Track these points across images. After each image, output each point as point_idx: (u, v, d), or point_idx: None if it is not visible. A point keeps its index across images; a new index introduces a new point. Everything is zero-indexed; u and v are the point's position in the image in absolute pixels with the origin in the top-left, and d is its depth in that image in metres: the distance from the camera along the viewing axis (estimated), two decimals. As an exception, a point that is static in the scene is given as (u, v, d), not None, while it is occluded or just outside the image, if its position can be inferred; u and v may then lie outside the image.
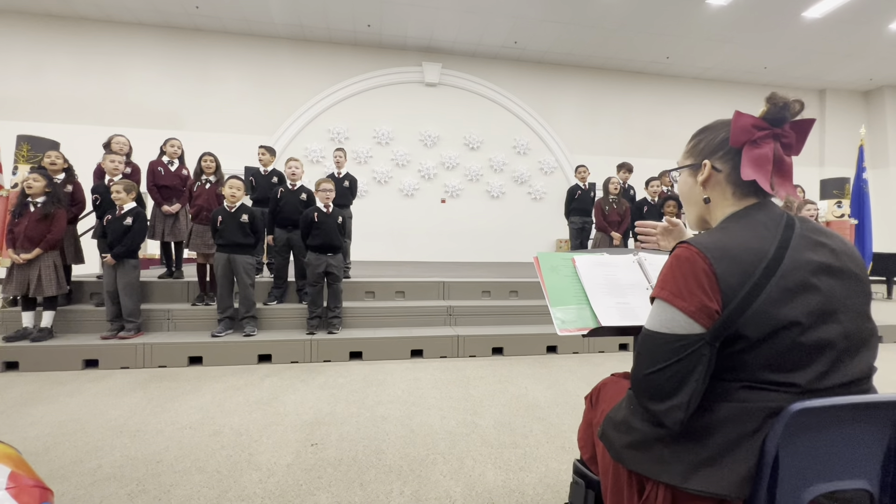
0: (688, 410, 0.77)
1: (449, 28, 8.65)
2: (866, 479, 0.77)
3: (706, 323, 0.76)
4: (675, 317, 0.79)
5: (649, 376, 0.81)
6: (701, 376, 0.77)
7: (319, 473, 1.97)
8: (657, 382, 0.80)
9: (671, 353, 0.79)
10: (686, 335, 0.78)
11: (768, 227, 0.83)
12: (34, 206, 3.58)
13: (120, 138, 4.46)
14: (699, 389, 0.77)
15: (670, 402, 0.78)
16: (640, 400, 0.85)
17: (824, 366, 0.76)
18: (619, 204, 5.35)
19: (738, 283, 0.76)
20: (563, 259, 1.36)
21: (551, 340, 4.17)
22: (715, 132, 0.95)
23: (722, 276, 0.77)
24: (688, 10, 7.87)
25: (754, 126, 0.87)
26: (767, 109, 0.87)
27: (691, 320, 0.77)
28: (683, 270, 0.80)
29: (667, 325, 0.80)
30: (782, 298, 0.75)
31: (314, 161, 9.11)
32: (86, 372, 3.45)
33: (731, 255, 0.78)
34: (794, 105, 0.86)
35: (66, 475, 1.93)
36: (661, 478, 0.81)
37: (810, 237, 0.82)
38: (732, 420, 0.76)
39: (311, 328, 3.97)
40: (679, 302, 0.79)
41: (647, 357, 0.83)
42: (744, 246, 0.79)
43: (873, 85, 11.05)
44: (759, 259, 0.77)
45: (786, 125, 0.87)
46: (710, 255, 0.78)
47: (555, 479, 1.95)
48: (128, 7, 8.01)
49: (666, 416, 0.79)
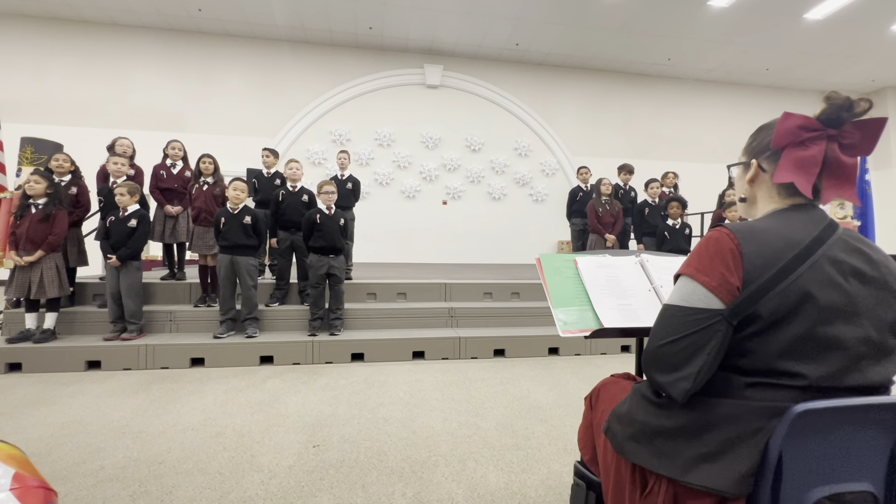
0: (695, 382, 0.78)
1: (450, 30, 8.67)
2: (871, 482, 0.77)
3: (726, 299, 0.77)
4: (695, 290, 0.80)
5: (662, 347, 0.82)
6: (713, 351, 0.77)
7: (321, 475, 1.97)
8: (669, 353, 0.81)
9: (687, 325, 0.79)
10: (704, 309, 0.78)
11: (806, 224, 0.82)
12: (35, 208, 3.60)
13: (123, 141, 4.48)
14: (709, 364, 0.77)
15: (678, 373, 0.79)
16: (649, 372, 0.84)
17: (836, 365, 0.75)
18: (611, 205, 5.32)
19: (763, 264, 0.76)
20: (566, 261, 1.36)
21: (553, 342, 4.17)
22: (769, 131, 0.92)
23: (748, 255, 0.77)
24: (689, 12, 7.87)
25: (801, 127, 0.84)
26: (824, 109, 0.84)
27: (711, 295, 0.78)
28: (710, 249, 0.81)
29: (686, 298, 0.81)
30: (806, 287, 0.75)
31: (316, 163, 9.13)
32: (88, 373, 3.45)
33: (761, 239, 0.79)
34: (858, 104, 0.82)
35: (68, 476, 1.93)
36: (660, 470, 0.81)
37: (849, 242, 0.82)
38: (736, 417, 0.76)
39: (312, 330, 3.97)
40: (701, 277, 0.80)
41: (662, 329, 0.84)
42: (777, 234, 0.80)
43: (875, 86, 11.03)
44: (791, 247, 0.78)
45: (845, 126, 0.84)
46: (739, 235, 0.79)
47: (557, 480, 1.95)
48: (131, 10, 8.05)
49: (672, 386, 0.80)
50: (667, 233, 4.86)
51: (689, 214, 6.32)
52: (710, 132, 10.76)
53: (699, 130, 10.81)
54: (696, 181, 9.47)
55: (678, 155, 10.53)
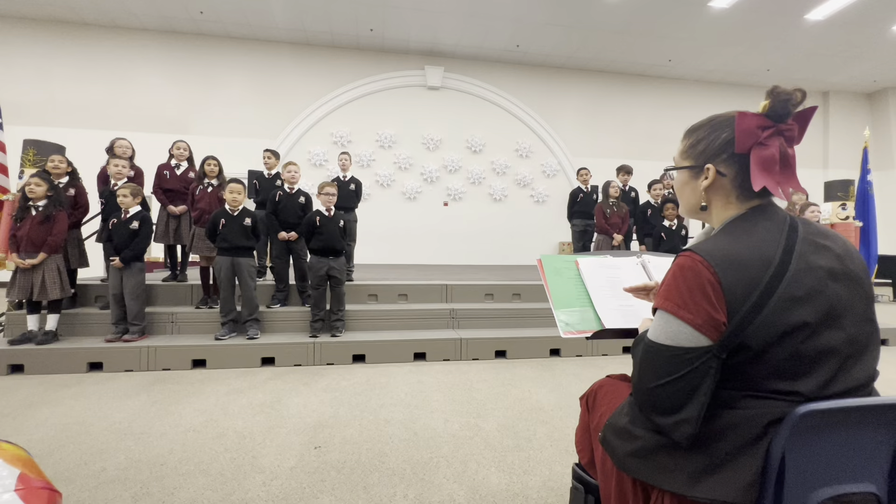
0: (697, 424, 0.76)
1: (451, 32, 8.68)
2: (873, 483, 0.77)
3: (713, 336, 0.75)
4: (681, 329, 0.77)
5: (655, 390, 0.79)
6: (709, 389, 0.76)
7: (323, 476, 1.97)
8: (664, 396, 0.78)
9: (677, 366, 0.76)
10: (693, 348, 0.76)
11: (772, 232, 0.80)
12: (35, 210, 3.60)
13: (122, 142, 4.48)
14: (706, 402, 0.76)
15: (678, 416, 0.76)
16: (646, 413, 0.82)
17: (828, 373, 0.75)
18: (619, 207, 5.34)
19: (743, 293, 0.74)
20: (567, 262, 1.36)
21: (554, 343, 4.16)
22: (716, 131, 0.89)
23: (728, 286, 0.75)
24: (690, 13, 7.87)
25: (759, 126, 0.83)
26: (770, 104, 0.83)
27: (698, 333, 0.75)
28: (688, 281, 0.77)
29: (672, 337, 0.78)
30: (789, 307, 0.74)
31: (317, 165, 9.15)
32: (90, 375, 3.46)
33: (736, 263, 0.76)
34: (795, 95, 0.82)
35: (70, 477, 1.93)
36: (665, 486, 0.80)
37: (814, 240, 0.81)
38: (736, 428, 0.76)
39: (313, 331, 3.97)
40: (684, 314, 0.77)
41: (651, 370, 0.80)
42: (749, 253, 0.77)
43: (877, 87, 11.01)
44: (765, 266, 0.76)
45: (789, 119, 0.84)
46: (714, 264, 0.76)
47: (558, 482, 1.95)
48: (133, 12, 8.08)
49: (674, 430, 0.77)
50: (663, 234, 4.86)
51: (690, 215, 6.31)
52: (711, 133, 10.75)
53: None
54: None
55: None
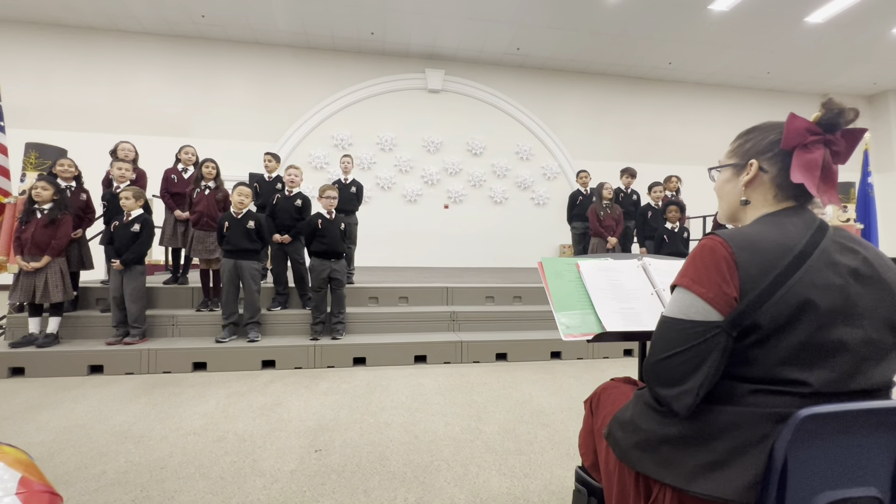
0: (697, 397, 0.77)
1: (452, 35, 8.70)
2: (876, 487, 0.76)
3: (724, 310, 0.77)
4: (693, 302, 0.80)
5: (662, 361, 0.82)
6: (715, 364, 0.77)
7: (323, 480, 1.96)
8: (670, 367, 0.80)
9: (687, 338, 0.79)
10: (703, 321, 0.78)
11: (798, 227, 0.82)
12: (40, 213, 3.62)
13: (125, 145, 4.50)
14: (711, 377, 0.77)
15: (681, 387, 0.78)
16: (651, 385, 0.84)
17: (842, 369, 0.75)
18: (612, 209, 5.32)
19: (759, 272, 0.76)
20: (568, 264, 1.36)
21: (555, 346, 4.16)
22: (764, 133, 0.93)
23: (743, 264, 0.77)
24: (690, 16, 7.89)
25: (808, 130, 0.85)
26: (822, 114, 0.85)
27: (709, 306, 0.78)
28: (705, 258, 0.81)
29: (684, 310, 0.81)
30: (804, 292, 0.74)
31: (318, 167, 9.16)
32: (91, 377, 3.46)
33: (755, 246, 0.78)
34: (848, 113, 0.84)
35: (70, 481, 1.93)
36: (665, 479, 0.80)
37: (842, 243, 0.82)
38: (740, 425, 0.76)
39: (314, 334, 3.97)
40: (697, 288, 0.80)
41: (661, 342, 0.83)
42: (770, 240, 0.79)
43: (877, 89, 11.01)
44: (785, 253, 0.77)
45: (837, 132, 0.85)
46: (732, 244, 0.79)
47: (560, 485, 1.94)
48: (134, 16, 8.12)
49: (675, 400, 0.79)
50: (665, 236, 4.85)
51: (690, 217, 6.31)
52: (711, 136, 10.75)
53: (700, 134, 10.80)
54: (698, 184, 9.43)
55: (679, 158, 10.51)
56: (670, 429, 0.83)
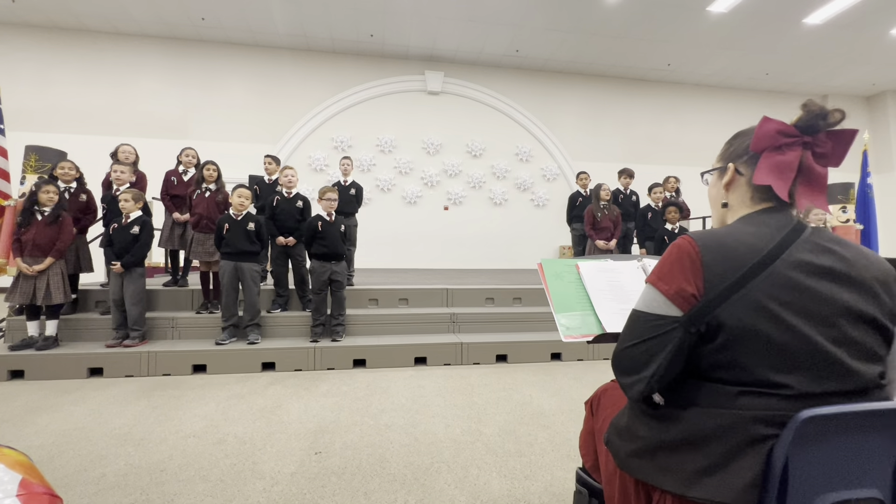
0: (648, 385, 0.81)
1: (451, 37, 8.72)
2: (878, 489, 0.76)
3: (683, 306, 0.80)
4: (655, 297, 0.84)
5: (623, 350, 0.86)
6: (669, 356, 0.80)
7: (323, 482, 1.96)
8: (630, 356, 0.85)
9: (647, 330, 0.83)
10: (663, 315, 0.82)
11: (770, 228, 0.83)
12: (41, 215, 3.61)
13: (126, 147, 4.51)
14: (664, 368, 0.81)
15: (636, 376, 0.83)
16: (615, 374, 0.89)
17: (820, 369, 0.74)
18: (610, 210, 5.30)
19: (723, 271, 0.78)
20: (567, 265, 1.36)
21: (555, 347, 4.15)
22: (745, 137, 0.94)
23: (708, 264, 0.79)
24: (689, 18, 7.91)
25: (779, 132, 0.85)
26: (800, 117, 0.85)
27: (669, 302, 0.81)
28: (672, 256, 0.84)
29: (648, 305, 0.85)
30: (770, 293, 0.75)
31: (318, 169, 9.16)
32: (90, 380, 3.45)
33: (724, 247, 0.80)
34: (833, 114, 0.83)
35: (70, 484, 1.92)
36: (665, 486, 0.80)
37: (818, 243, 0.81)
38: (731, 428, 0.76)
39: (314, 336, 3.96)
40: (661, 285, 0.83)
41: (625, 333, 0.88)
42: (740, 241, 0.81)
43: (876, 90, 11.03)
44: (753, 254, 0.78)
45: (820, 134, 0.84)
46: (700, 243, 0.81)
47: (560, 487, 1.94)
48: (134, 19, 8.13)
49: (630, 388, 0.84)
50: (666, 237, 4.85)
51: (692, 219, 6.32)
52: (710, 136, 10.76)
53: (700, 135, 10.82)
54: (697, 185, 9.47)
55: (679, 159, 10.52)
56: (665, 434, 0.83)
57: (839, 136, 0.84)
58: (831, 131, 0.84)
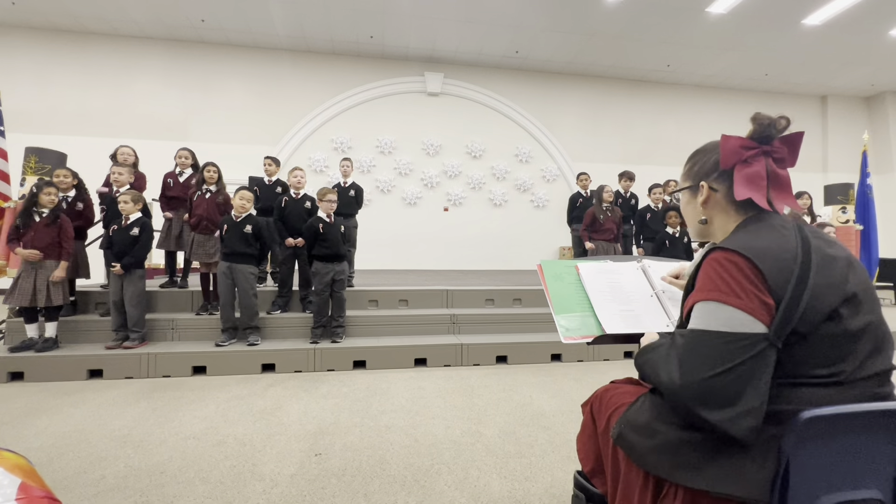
0: (760, 416, 0.73)
1: (450, 38, 8.73)
2: (879, 489, 0.76)
3: (766, 320, 0.75)
4: (733, 315, 0.76)
5: (709, 381, 0.74)
6: (769, 379, 0.74)
7: (323, 484, 1.96)
8: (719, 387, 0.74)
9: (734, 353, 0.74)
10: (749, 334, 0.74)
11: (787, 227, 0.86)
12: (39, 217, 3.60)
13: (125, 149, 4.51)
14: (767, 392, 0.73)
15: (737, 407, 0.72)
16: (697, 409, 0.76)
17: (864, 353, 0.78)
18: (612, 212, 5.30)
19: (783, 279, 0.76)
20: (567, 267, 1.36)
21: (555, 348, 4.15)
22: (708, 154, 1.00)
23: (768, 273, 0.77)
24: (688, 19, 7.92)
25: (742, 147, 0.91)
26: (753, 129, 0.92)
27: (752, 317, 0.75)
28: (728, 271, 0.79)
29: (726, 323, 0.76)
30: (824, 292, 0.77)
31: (318, 171, 9.16)
32: (90, 382, 3.45)
33: (767, 252, 0.79)
34: (779, 122, 0.91)
35: (69, 486, 1.92)
36: (687, 482, 0.80)
37: (822, 237, 0.86)
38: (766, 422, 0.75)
39: (314, 337, 3.96)
40: (735, 300, 0.76)
41: (701, 360, 0.76)
42: (777, 246, 0.81)
43: (875, 91, 11.04)
44: (793, 256, 0.79)
45: (774, 141, 0.91)
46: (750, 254, 0.79)
47: (560, 488, 1.93)
48: (134, 20, 8.14)
49: (734, 424, 0.72)
50: (667, 241, 4.85)
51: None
52: (710, 137, 10.34)
53: (699, 136, 10.82)
54: (697, 186, 9.44)
55: (678, 160, 10.50)
56: (693, 433, 0.82)
57: (790, 140, 0.92)
58: (783, 137, 0.92)
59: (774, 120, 0.90)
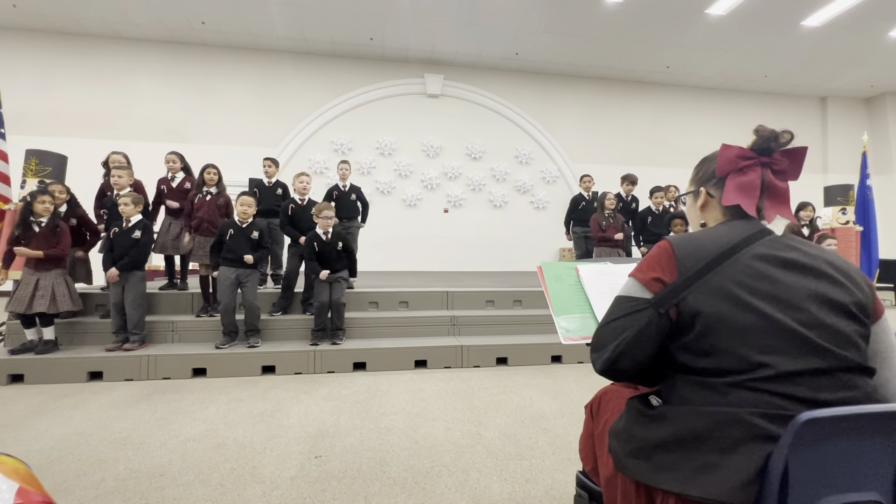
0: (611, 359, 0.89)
1: (450, 40, 8.75)
2: (878, 492, 0.76)
3: (655, 290, 0.88)
4: (633, 284, 0.93)
5: (598, 329, 0.95)
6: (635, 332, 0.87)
7: (323, 486, 1.96)
8: (601, 335, 0.93)
9: (619, 310, 0.92)
10: (635, 297, 0.90)
11: (737, 230, 0.91)
12: (38, 226, 3.58)
13: (115, 157, 4.47)
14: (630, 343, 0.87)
15: (601, 352, 0.92)
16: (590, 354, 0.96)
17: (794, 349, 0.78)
18: (615, 219, 5.28)
19: (694, 263, 0.86)
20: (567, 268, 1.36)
21: (556, 350, 4.15)
22: (710, 162, 1.05)
23: (681, 257, 0.88)
24: (688, 20, 7.93)
25: (739, 157, 0.96)
26: (755, 141, 0.95)
27: (642, 286, 0.90)
28: (653, 254, 0.93)
29: (625, 290, 0.94)
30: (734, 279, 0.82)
31: (318, 172, 9.17)
32: (90, 384, 3.45)
33: (694, 243, 0.89)
34: (782, 136, 0.94)
35: (69, 488, 1.92)
36: (663, 485, 0.81)
37: (784, 242, 0.88)
38: (724, 424, 0.77)
39: (314, 339, 3.96)
40: (638, 275, 0.93)
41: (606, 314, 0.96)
42: (710, 237, 0.90)
43: (875, 92, 11.06)
44: (719, 247, 0.87)
45: (775, 154, 0.94)
46: (674, 241, 0.92)
47: (561, 490, 1.93)
48: (134, 23, 8.16)
49: (595, 362, 0.93)
50: None
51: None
52: (710, 139, 10.77)
53: (699, 137, 10.84)
54: (697, 187, 9.45)
55: (678, 161, 10.54)
56: (662, 433, 0.84)
57: (793, 154, 0.95)
58: (785, 150, 0.94)
59: (777, 133, 0.93)
